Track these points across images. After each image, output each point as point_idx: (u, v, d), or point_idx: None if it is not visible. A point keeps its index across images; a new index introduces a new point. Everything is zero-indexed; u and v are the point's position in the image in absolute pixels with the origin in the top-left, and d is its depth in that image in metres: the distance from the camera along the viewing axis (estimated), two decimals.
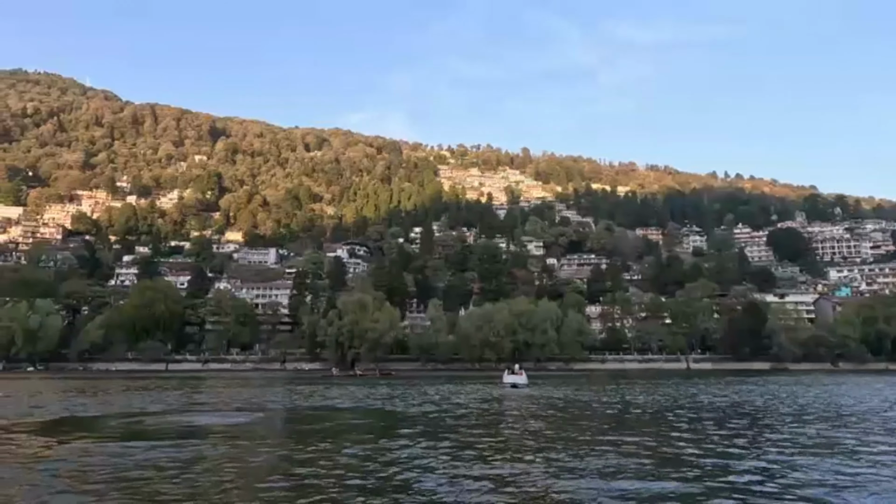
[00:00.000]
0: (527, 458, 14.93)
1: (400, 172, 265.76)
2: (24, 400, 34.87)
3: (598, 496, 10.73)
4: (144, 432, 20.35)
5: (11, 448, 16.49)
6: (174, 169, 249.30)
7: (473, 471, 13.18)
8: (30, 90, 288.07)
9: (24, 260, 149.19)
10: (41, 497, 10.39)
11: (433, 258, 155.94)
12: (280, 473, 13.22)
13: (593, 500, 10.53)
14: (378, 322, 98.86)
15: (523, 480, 12.01)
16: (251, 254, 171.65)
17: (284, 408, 31.02)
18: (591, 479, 12.14)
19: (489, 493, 11.08)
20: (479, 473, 12.89)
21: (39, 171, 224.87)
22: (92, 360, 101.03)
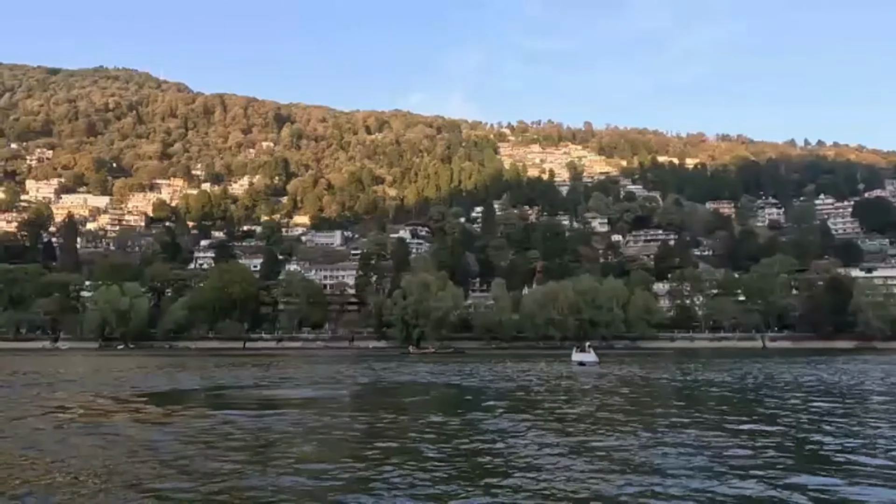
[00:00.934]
0: (616, 430, 15.10)
1: (460, 152, 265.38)
2: (130, 375, 37.78)
3: (686, 466, 10.77)
4: (250, 403, 21.94)
5: (148, 416, 18.14)
6: (244, 156, 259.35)
7: (562, 440, 13.54)
8: (110, 86, 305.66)
9: (112, 246, 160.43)
10: (194, 459, 11.47)
11: (495, 237, 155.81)
12: (376, 440, 14.01)
13: (683, 468, 10.58)
14: (442, 301, 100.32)
15: (617, 452, 12.17)
16: (318, 236, 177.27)
17: (369, 382, 32.33)
18: (678, 451, 12.17)
19: (580, 461, 11.32)
20: (567, 442, 13.25)
21: (122, 162, 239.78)
22: (176, 338, 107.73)
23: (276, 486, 9.43)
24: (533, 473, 10.23)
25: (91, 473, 10.29)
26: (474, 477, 10.06)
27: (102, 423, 16.71)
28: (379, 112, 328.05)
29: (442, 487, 9.30)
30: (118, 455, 11.85)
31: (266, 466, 10.83)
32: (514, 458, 11.60)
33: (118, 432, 14.85)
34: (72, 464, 11.09)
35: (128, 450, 12.41)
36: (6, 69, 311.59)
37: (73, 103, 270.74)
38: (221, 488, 9.26)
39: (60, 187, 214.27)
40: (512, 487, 9.27)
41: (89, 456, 11.81)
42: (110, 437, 14.11)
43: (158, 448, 12.50)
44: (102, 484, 9.58)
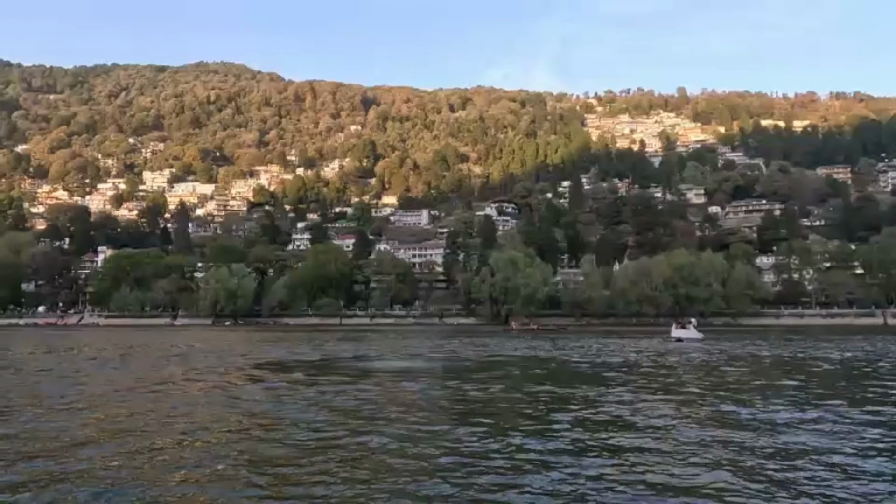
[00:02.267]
0: (744, 403, 14.94)
1: (545, 125, 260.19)
2: (251, 347, 40.99)
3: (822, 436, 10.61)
4: (366, 373, 23.41)
5: (285, 382, 19.99)
6: (333, 140, 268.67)
7: (691, 411, 13.60)
8: (211, 79, 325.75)
9: (219, 230, 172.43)
10: (317, 420, 12.70)
11: (583, 212, 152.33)
12: (503, 408, 14.64)
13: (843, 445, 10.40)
14: (530, 278, 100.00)
15: (757, 424, 12.08)
16: (405, 216, 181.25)
17: (475, 355, 33.20)
18: (825, 427, 11.95)
19: (716, 431, 11.34)
20: (698, 413, 13.33)
21: (224, 151, 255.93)
22: (279, 315, 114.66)
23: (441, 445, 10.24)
24: (673, 444, 10.27)
25: (257, 425, 12.02)
26: (610, 446, 10.21)
27: (235, 389, 18.58)
28: (462, 90, 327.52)
29: (578, 458, 9.47)
30: (269, 416, 13.34)
31: (422, 429, 11.80)
32: (647, 429, 11.69)
33: (262, 397, 16.60)
34: (229, 420, 12.75)
35: (272, 412, 13.93)
36: (121, 70, 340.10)
37: (179, 98, 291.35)
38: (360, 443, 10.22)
39: (172, 177, 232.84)
40: (647, 456, 9.35)
41: (248, 414, 13.48)
42: (263, 400, 15.86)
43: (300, 412, 13.83)
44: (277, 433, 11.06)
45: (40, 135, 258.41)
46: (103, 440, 10.78)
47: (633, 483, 7.99)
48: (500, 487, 7.92)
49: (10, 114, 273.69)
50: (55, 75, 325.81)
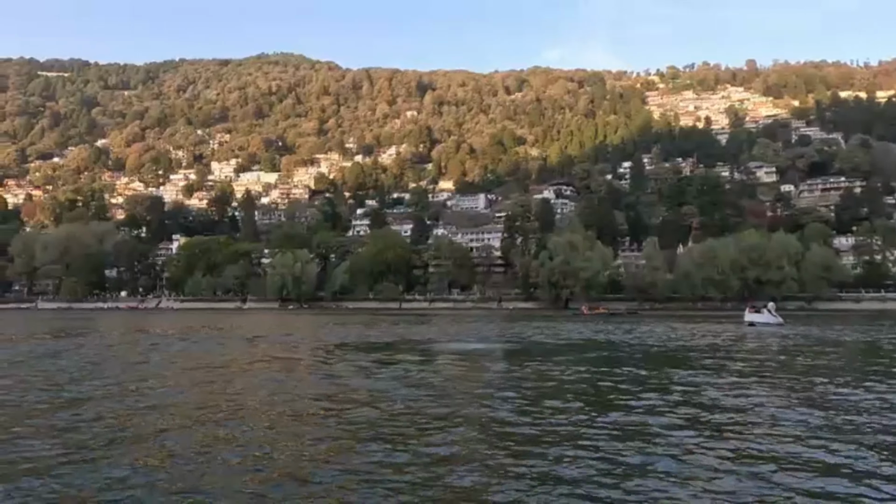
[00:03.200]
0: (844, 386, 14.59)
1: (604, 105, 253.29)
2: (321, 330, 42.61)
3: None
4: (443, 353, 24.04)
5: (352, 362, 20.83)
6: (390, 126, 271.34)
7: (782, 395, 13.38)
8: (272, 70, 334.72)
9: (282, 217, 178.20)
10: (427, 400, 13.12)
11: (645, 193, 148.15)
12: (591, 389, 14.78)
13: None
14: (590, 262, 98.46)
15: (855, 407, 11.84)
16: (462, 200, 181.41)
17: (543, 338, 33.37)
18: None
19: (819, 415, 11.17)
20: (786, 396, 13.15)
21: (286, 141, 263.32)
22: (341, 299, 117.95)
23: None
24: (784, 427, 10.10)
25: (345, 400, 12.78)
26: (715, 428, 10.08)
27: (326, 367, 19.55)
28: (518, 71, 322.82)
29: (685, 434, 9.43)
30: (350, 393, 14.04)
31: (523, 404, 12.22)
32: (748, 412, 11.51)
33: (357, 374, 17.39)
34: (341, 396, 13.56)
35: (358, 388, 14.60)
36: (188, 65, 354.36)
37: (242, 90, 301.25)
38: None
39: (238, 167, 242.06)
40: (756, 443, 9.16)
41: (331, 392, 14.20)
42: (339, 379, 16.58)
43: (386, 390, 14.40)
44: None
45: (117, 129, 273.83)
46: (240, 412, 11.72)
47: (765, 460, 7.93)
48: (634, 454, 8.23)
49: (89, 110, 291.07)
50: (128, 72, 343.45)
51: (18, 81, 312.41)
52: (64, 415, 11.26)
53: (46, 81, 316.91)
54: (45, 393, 13.81)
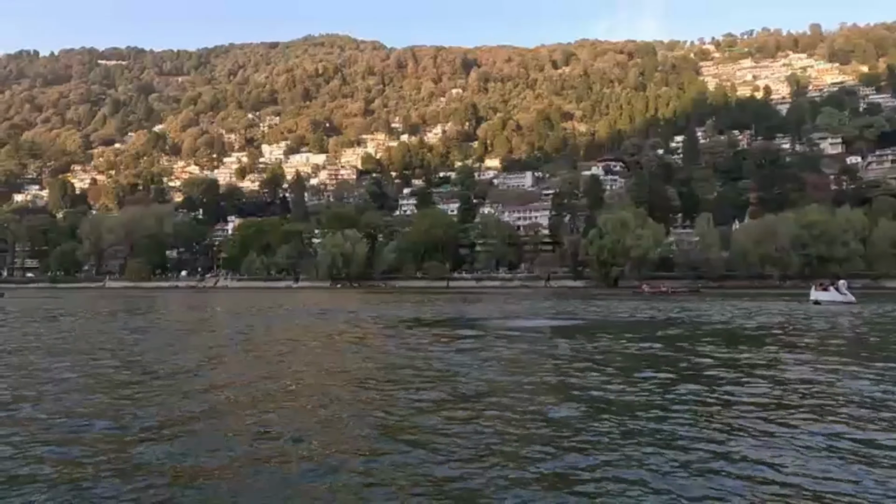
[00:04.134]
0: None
1: (655, 77, 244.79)
2: (378, 307, 43.41)
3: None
4: (505, 330, 23.84)
5: (423, 339, 21.19)
6: (435, 105, 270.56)
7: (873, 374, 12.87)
8: (318, 52, 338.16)
9: (331, 198, 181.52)
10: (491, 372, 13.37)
11: (699, 168, 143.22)
12: (665, 365, 14.50)
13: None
14: (641, 239, 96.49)
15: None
16: (509, 178, 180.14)
17: (601, 316, 33.09)
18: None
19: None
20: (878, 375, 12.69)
21: (333, 122, 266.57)
22: (389, 278, 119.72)
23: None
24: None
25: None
26: (809, 409, 9.67)
27: (406, 340, 20.02)
28: (564, 45, 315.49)
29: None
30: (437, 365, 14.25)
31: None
32: (838, 392, 11.03)
33: (430, 348, 17.64)
34: (423, 367, 13.86)
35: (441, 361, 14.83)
36: (238, 49, 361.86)
37: (290, 73, 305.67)
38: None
39: (287, 149, 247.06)
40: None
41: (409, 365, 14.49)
42: (423, 352, 16.78)
43: (471, 363, 14.52)
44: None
45: (172, 115, 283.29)
46: (345, 377, 12.46)
47: (862, 443, 7.65)
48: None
49: (146, 97, 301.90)
50: (182, 58, 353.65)
51: (80, 71, 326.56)
52: (197, 380, 12.31)
53: (106, 70, 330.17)
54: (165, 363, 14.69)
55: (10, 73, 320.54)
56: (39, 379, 12.28)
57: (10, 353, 16.83)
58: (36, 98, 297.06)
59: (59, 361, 14.77)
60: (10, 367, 14.08)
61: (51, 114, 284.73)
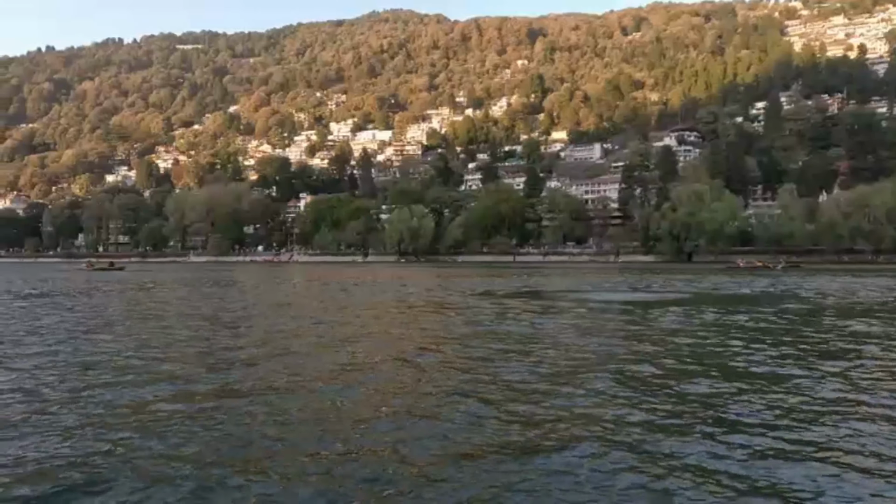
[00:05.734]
0: None
1: (735, 40, 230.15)
2: (454, 280, 44.23)
3: None
4: (591, 303, 24.14)
5: (512, 307, 22.06)
6: (500, 77, 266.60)
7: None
8: (382, 28, 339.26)
9: (397, 174, 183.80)
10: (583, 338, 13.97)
11: (782, 136, 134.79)
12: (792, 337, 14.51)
13: None
14: (717, 212, 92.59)
15: None
16: (576, 151, 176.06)
17: (697, 290, 32.46)
18: None
19: None
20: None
21: (399, 98, 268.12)
22: (456, 253, 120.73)
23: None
24: None
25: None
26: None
27: (496, 311, 20.72)
28: (635, 9, 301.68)
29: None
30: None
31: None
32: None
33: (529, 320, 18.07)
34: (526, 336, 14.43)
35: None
36: (305, 28, 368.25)
37: (356, 50, 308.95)
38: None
39: (355, 126, 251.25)
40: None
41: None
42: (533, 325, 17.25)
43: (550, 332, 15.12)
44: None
45: (245, 96, 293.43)
46: (450, 343, 13.23)
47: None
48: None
49: (221, 79, 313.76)
50: (253, 40, 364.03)
51: (160, 56, 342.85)
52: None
53: (183, 54, 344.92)
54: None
55: (98, 61, 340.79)
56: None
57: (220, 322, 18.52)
58: (122, 84, 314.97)
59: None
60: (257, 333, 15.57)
61: (135, 98, 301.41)
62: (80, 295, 30.21)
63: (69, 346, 12.93)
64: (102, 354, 11.81)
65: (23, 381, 9.34)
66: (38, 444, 6.30)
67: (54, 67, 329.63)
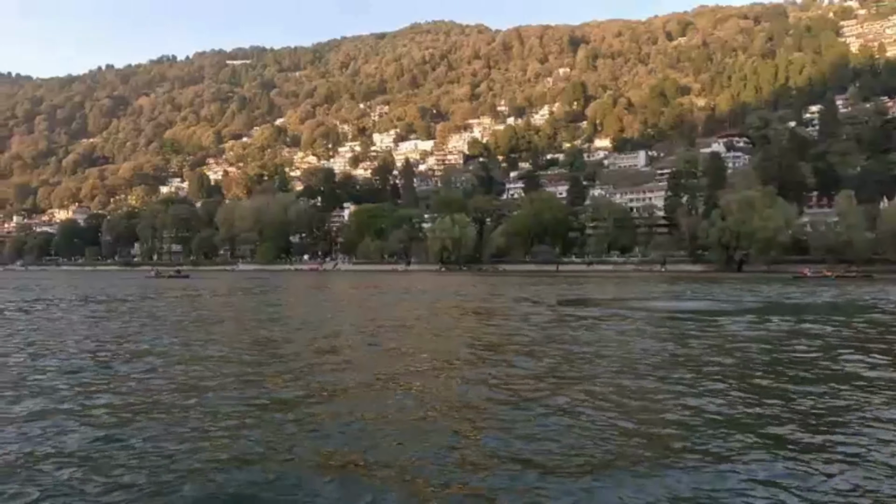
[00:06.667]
0: None
1: (786, 42, 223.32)
2: (499, 289, 44.62)
3: None
4: (657, 311, 23.84)
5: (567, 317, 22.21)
6: (542, 86, 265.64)
7: None
8: (424, 39, 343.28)
9: (439, 183, 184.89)
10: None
11: (838, 140, 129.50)
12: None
13: None
14: (769, 220, 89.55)
15: None
16: (620, 158, 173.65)
17: (764, 301, 31.63)
18: None
19: None
20: None
21: (440, 108, 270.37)
22: (498, 262, 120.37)
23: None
24: None
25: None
26: None
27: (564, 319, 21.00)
28: (680, 14, 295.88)
29: None
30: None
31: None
32: None
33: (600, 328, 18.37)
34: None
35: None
36: (348, 42, 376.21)
37: (398, 62, 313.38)
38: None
39: (397, 136, 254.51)
40: None
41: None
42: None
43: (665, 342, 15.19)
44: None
45: (291, 108, 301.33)
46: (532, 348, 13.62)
47: None
48: None
49: (268, 92, 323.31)
50: (298, 54, 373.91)
51: (211, 72, 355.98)
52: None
53: (233, 70, 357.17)
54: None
55: (153, 78, 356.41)
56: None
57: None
58: (175, 99, 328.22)
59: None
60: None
61: (188, 112, 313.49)
62: (177, 299, 33.54)
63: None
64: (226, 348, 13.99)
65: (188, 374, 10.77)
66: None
67: (113, 84, 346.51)
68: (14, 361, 12.07)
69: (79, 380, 10.17)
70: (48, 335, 16.47)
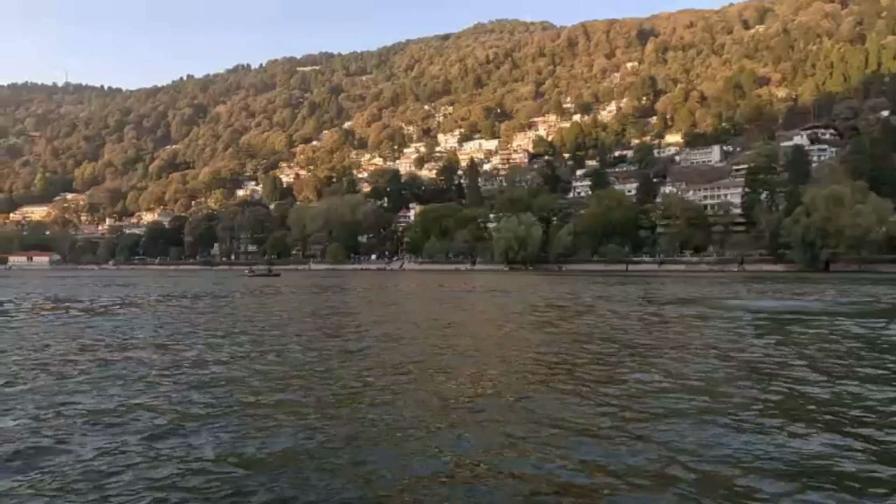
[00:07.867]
0: None
1: (878, 25, 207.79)
2: (573, 288, 44.26)
3: None
4: (764, 312, 22.94)
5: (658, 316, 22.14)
6: (609, 81, 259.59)
7: None
8: (488, 39, 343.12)
9: (504, 182, 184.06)
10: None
11: None
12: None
13: None
14: (860, 217, 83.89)
15: None
16: (692, 154, 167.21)
17: (857, 300, 30.01)
18: None
19: None
20: None
21: (504, 107, 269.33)
22: (565, 261, 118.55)
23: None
24: None
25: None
26: None
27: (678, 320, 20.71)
28: (757, 1, 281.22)
29: None
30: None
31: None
32: None
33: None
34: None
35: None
36: (413, 44, 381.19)
37: (462, 62, 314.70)
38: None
39: (461, 136, 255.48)
40: None
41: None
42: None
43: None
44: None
45: (359, 112, 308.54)
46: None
47: None
48: None
49: (336, 97, 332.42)
50: (365, 59, 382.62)
51: (283, 78, 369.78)
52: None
53: (303, 76, 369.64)
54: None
55: (230, 86, 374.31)
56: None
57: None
58: (250, 106, 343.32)
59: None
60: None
61: (261, 118, 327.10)
62: (274, 294, 35.93)
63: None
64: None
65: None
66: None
67: (193, 94, 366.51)
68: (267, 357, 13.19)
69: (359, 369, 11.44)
70: (265, 326, 18.75)
